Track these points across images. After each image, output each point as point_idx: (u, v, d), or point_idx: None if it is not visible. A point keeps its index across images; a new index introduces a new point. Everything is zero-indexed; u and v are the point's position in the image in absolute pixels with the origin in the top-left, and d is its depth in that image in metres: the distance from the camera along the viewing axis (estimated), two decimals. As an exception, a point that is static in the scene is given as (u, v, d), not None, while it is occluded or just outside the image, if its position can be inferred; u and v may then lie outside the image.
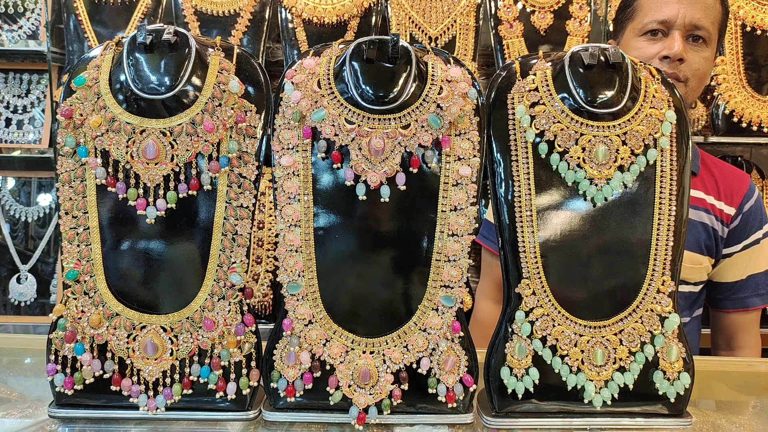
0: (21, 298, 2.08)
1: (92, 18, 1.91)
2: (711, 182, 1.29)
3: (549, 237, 0.78)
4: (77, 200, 0.76)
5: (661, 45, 1.19)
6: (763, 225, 1.29)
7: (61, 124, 0.75)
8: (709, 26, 1.17)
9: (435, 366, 0.76)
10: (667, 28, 1.18)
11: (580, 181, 0.77)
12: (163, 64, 0.74)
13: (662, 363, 0.77)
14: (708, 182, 1.29)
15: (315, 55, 0.77)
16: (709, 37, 1.18)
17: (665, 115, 0.77)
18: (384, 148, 0.73)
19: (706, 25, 1.17)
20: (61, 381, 0.76)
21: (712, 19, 1.18)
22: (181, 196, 0.75)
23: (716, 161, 1.36)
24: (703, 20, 1.16)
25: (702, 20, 1.16)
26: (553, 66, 0.79)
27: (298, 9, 1.87)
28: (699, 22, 1.16)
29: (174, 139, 0.74)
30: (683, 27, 1.17)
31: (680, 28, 1.17)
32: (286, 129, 0.75)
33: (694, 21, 1.16)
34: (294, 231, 0.76)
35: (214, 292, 0.76)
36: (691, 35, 1.17)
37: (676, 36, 1.17)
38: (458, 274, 0.76)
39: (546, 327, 0.77)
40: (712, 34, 1.18)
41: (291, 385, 0.76)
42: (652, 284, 0.78)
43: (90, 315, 0.75)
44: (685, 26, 1.17)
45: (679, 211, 0.78)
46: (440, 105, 0.73)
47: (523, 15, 1.91)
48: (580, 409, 0.77)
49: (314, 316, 0.76)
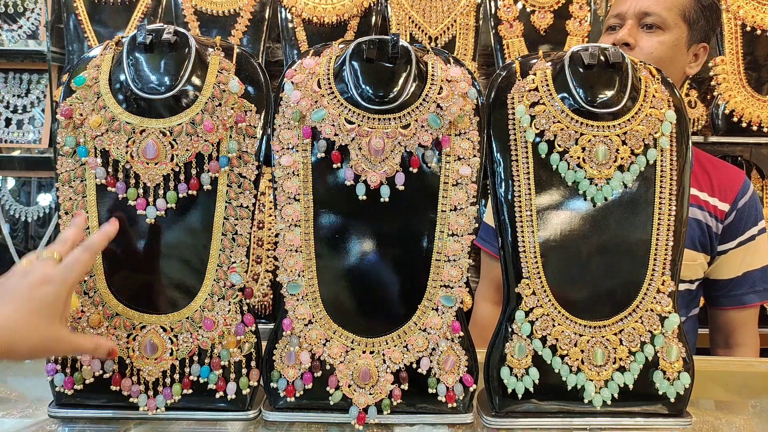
0: (21, 297, 2.07)
1: (92, 18, 1.91)
2: (705, 179, 1.30)
3: (549, 237, 0.78)
4: (77, 200, 0.76)
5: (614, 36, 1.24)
6: (759, 221, 1.29)
7: (61, 123, 0.75)
8: (662, 12, 1.21)
9: (435, 366, 0.76)
10: (622, 20, 1.25)
11: (580, 181, 0.77)
12: (163, 63, 0.74)
13: (662, 363, 0.77)
14: (701, 179, 1.29)
15: (315, 54, 0.77)
16: (664, 22, 1.21)
17: (665, 114, 0.77)
18: (384, 148, 0.73)
19: (657, 11, 1.21)
20: (61, 381, 0.76)
21: (668, 5, 1.21)
22: (181, 196, 0.75)
23: (711, 158, 1.36)
24: (654, 7, 1.21)
25: (652, 7, 1.21)
26: (553, 66, 0.79)
27: (298, 9, 1.87)
28: (649, 9, 1.21)
29: (174, 139, 0.74)
30: (634, 16, 1.23)
31: (632, 18, 1.23)
32: (286, 129, 0.75)
33: (644, 8, 1.22)
34: (294, 231, 0.76)
35: (214, 292, 0.76)
36: (644, 23, 1.22)
37: (627, 24, 1.23)
38: (458, 274, 0.76)
39: (546, 327, 0.77)
40: (667, 20, 1.21)
41: (291, 385, 0.76)
42: (652, 284, 0.78)
43: (90, 315, 0.75)
44: (636, 15, 1.23)
45: (679, 210, 0.78)
46: (440, 105, 0.73)
47: (523, 15, 1.91)
48: (580, 408, 0.77)
49: (314, 316, 0.76)
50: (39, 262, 0.67)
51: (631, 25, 1.22)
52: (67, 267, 0.67)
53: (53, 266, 0.67)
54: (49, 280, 0.65)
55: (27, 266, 0.67)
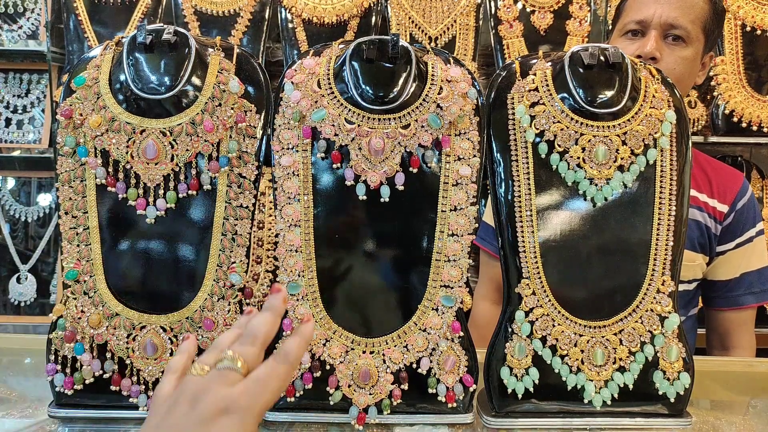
0: (21, 298, 2.08)
1: (92, 18, 1.91)
2: (704, 180, 1.29)
3: (549, 237, 0.78)
4: (77, 200, 0.76)
5: (638, 44, 1.20)
6: (757, 223, 1.29)
7: (61, 124, 0.75)
8: (688, 25, 1.17)
9: (435, 366, 0.76)
10: (645, 28, 1.20)
11: (580, 181, 0.77)
12: (163, 64, 0.74)
13: (662, 363, 0.77)
14: (701, 180, 1.29)
15: (315, 55, 0.77)
16: (689, 36, 1.18)
17: (665, 115, 0.77)
18: (384, 148, 0.73)
19: (683, 24, 1.17)
20: (61, 381, 0.76)
21: (693, 17, 1.18)
22: (180, 196, 0.75)
23: (710, 160, 1.36)
24: (681, 19, 1.17)
25: (679, 19, 1.17)
26: (553, 66, 0.79)
27: (298, 9, 1.87)
28: (675, 21, 1.17)
29: (174, 139, 0.74)
30: (660, 26, 1.18)
31: (657, 28, 1.18)
32: (286, 129, 0.75)
33: (670, 20, 1.17)
34: (294, 231, 0.76)
35: (213, 292, 0.76)
36: (669, 34, 1.18)
37: (652, 35, 1.18)
38: (458, 273, 0.76)
39: (546, 327, 0.77)
40: (691, 33, 1.18)
41: (291, 385, 0.76)
42: (652, 284, 0.77)
43: (90, 315, 0.75)
44: (661, 25, 1.18)
45: (679, 211, 0.78)
46: (440, 105, 0.73)
47: (523, 15, 1.91)
48: (580, 409, 0.77)
49: (314, 316, 0.76)
50: (216, 376, 0.47)
51: (656, 36, 1.17)
52: (257, 384, 0.47)
53: (236, 383, 0.46)
54: (231, 408, 0.45)
55: (198, 382, 0.46)
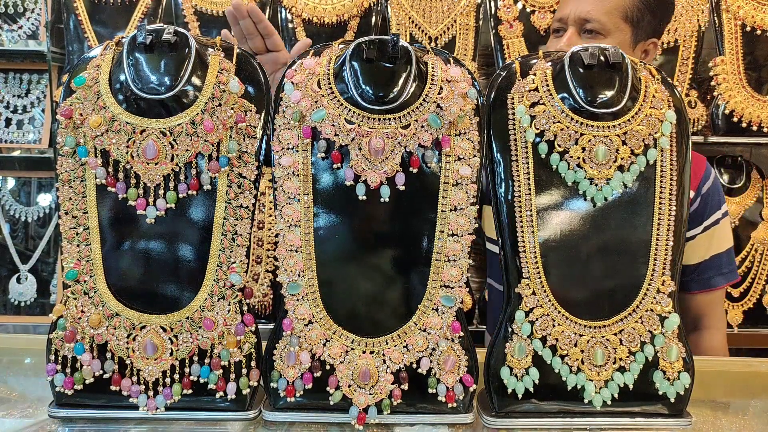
0: (21, 298, 2.08)
1: (92, 18, 1.91)
2: None
3: (549, 237, 0.78)
4: (77, 200, 0.76)
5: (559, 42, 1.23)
6: (722, 205, 1.30)
7: (61, 124, 0.75)
8: (602, 17, 1.19)
9: (435, 366, 0.76)
10: (565, 25, 1.23)
11: (580, 181, 0.77)
12: (163, 64, 0.74)
13: (662, 363, 0.77)
14: None
15: (315, 55, 0.77)
16: (604, 28, 1.19)
17: (665, 115, 0.77)
18: (384, 148, 0.73)
19: (596, 16, 1.19)
20: (61, 381, 0.76)
21: (608, 8, 1.19)
22: (180, 196, 0.75)
23: None
24: (593, 12, 1.19)
25: (591, 12, 1.19)
26: (553, 66, 0.79)
27: (298, 9, 1.87)
28: (588, 15, 1.19)
29: (174, 139, 0.74)
30: (575, 22, 1.21)
31: (573, 24, 1.21)
32: (286, 129, 0.75)
33: (583, 14, 1.20)
34: (294, 231, 0.76)
35: (213, 292, 0.76)
36: (585, 29, 1.21)
37: (569, 32, 1.21)
38: (458, 274, 0.76)
39: (546, 327, 0.77)
40: (607, 25, 1.19)
41: (291, 385, 0.76)
42: (652, 284, 0.78)
43: (90, 315, 0.75)
44: (576, 21, 1.21)
45: (679, 210, 0.78)
46: (440, 105, 0.73)
47: (523, 15, 1.91)
48: (580, 409, 0.77)
49: (314, 316, 0.76)
50: None
51: (572, 32, 1.20)
52: None
53: None
54: None
55: None
